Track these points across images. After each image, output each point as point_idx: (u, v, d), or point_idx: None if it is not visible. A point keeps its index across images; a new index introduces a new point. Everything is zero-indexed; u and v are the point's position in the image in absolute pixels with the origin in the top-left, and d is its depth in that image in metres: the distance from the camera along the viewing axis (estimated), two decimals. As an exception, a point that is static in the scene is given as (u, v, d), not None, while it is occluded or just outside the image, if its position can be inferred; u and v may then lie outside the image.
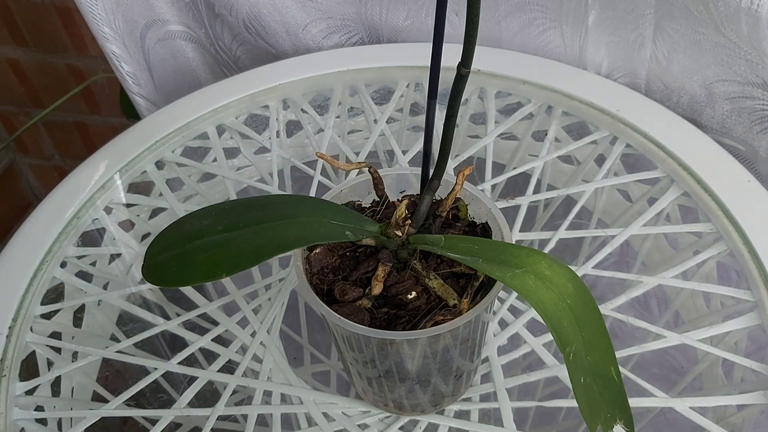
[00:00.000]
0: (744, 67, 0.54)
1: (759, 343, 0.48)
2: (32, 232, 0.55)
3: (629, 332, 0.52)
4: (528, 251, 0.34)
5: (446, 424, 0.44)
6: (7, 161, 1.28)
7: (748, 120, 0.57)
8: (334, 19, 0.71)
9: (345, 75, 0.66)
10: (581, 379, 0.31)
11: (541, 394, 0.60)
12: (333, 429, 0.44)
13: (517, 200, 0.55)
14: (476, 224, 0.42)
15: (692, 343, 0.46)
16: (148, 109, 0.80)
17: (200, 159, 0.64)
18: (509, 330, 0.48)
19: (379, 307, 0.37)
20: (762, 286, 0.46)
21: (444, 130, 0.35)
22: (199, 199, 0.62)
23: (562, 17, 0.62)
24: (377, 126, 0.62)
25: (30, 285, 0.51)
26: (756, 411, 0.44)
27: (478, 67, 0.63)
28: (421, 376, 0.39)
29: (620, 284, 0.50)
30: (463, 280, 0.38)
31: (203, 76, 0.85)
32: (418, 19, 0.68)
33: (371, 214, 0.42)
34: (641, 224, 0.52)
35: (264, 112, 0.66)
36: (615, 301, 0.48)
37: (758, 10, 0.49)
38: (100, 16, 0.70)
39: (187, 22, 0.78)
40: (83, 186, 0.58)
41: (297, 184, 0.65)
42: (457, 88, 0.33)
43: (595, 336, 0.32)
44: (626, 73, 0.63)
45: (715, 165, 0.53)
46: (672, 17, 0.56)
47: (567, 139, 0.62)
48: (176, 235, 0.39)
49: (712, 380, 0.50)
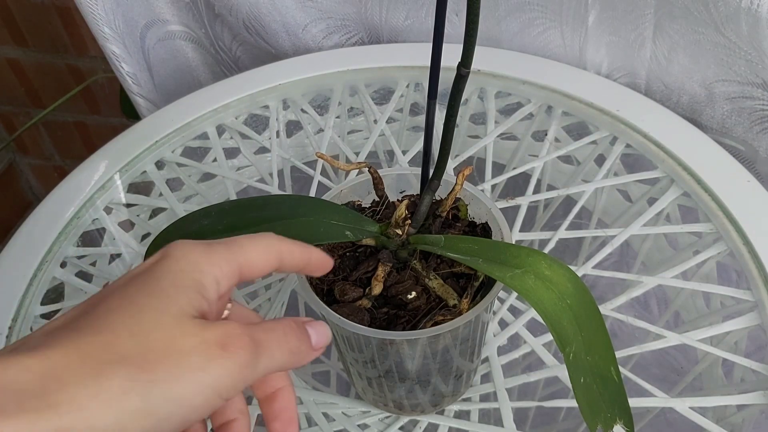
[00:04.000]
0: (744, 67, 0.54)
1: (759, 343, 0.48)
2: (32, 232, 0.55)
3: (629, 332, 0.52)
4: (528, 251, 0.34)
5: (446, 424, 0.44)
6: (7, 161, 1.28)
7: (748, 120, 0.57)
8: (334, 19, 0.71)
9: (345, 75, 0.66)
10: (581, 379, 0.31)
11: (541, 394, 0.60)
12: (333, 429, 0.44)
13: (517, 200, 0.55)
14: (476, 224, 0.42)
15: (692, 343, 0.46)
16: (148, 109, 0.80)
17: (200, 159, 0.64)
18: (509, 330, 0.48)
19: (379, 307, 0.37)
20: (762, 286, 0.46)
21: (444, 130, 0.35)
22: (199, 199, 0.62)
23: (562, 17, 0.62)
24: (377, 126, 0.62)
25: (30, 285, 0.51)
26: (756, 411, 0.44)
27: (478, 67, 0.63)
28: (421, 376, 0.39)
29: (620, 284, 0.50)
30: (463, 280, 0.38)
31: (203, 76, 0.85)
32: (418, 19, 0.68)
33: (371, 214, 0.42)
34: (641, 224, 0.52)
35: (264, 112, 0.66)
36: (615, 301, 0.48)
37: (758, 10, 0.49)
38: (100, 16, 0.70)
39: (187, 22, 0.78)
40: (83, 186, 0.58)
41: (297, 184, 0.65)
42: (457, 88, 0.33)
43: (595, 336, 0.32)
44: (626, 73, 0.63)
45: (715, 165, 0.53)
46: (672, 17, 0.56)
47: (567, 139, 0.62)
48: (176, 235, 0.39)
49: (712, 380, 0.50)
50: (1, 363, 0.21)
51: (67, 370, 0.21)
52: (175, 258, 0.25)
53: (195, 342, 0.23)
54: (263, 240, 0.29)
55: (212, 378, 0.23)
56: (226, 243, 0.27)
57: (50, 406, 0.20)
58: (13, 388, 0.20)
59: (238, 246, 0.27)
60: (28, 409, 0.20)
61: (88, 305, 0.24)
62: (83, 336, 0.22)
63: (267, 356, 0.25)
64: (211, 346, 0.23)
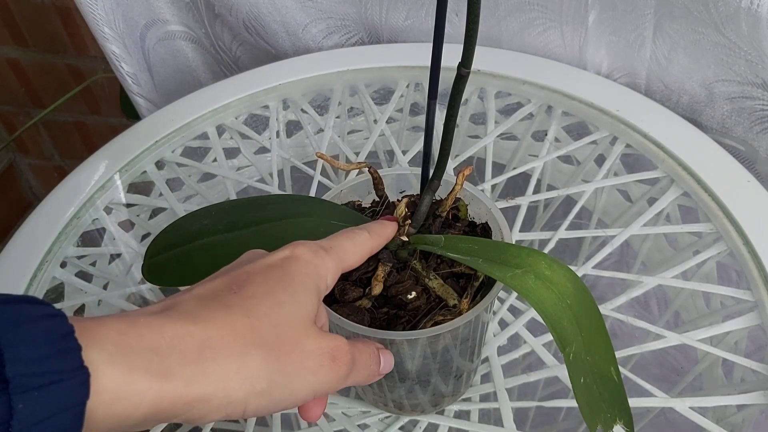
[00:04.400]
0: (744, 67, 0.54)
1: (759, 343, 0.48)
2: (32, 232, 0.55)
3: (629, 332, 0.52)
4: (528, 251, 0.34)
5: (446, 424, 0.44)
6: (7, 161, 1.28)
7: (748, 120, 0.57)
8: (334, 19, 0.71)
9: (345, 75, 0.66)
10: (581, 379, 0.31)
11: (541, 394, 0.60)
12: (333, 429, 0.44)
13: (517, 200, 0.55)
14: (476, 224, 0.42)
15: (692, 343, 0.46)
16: (148, 109, 0.80)
17: (200, 159, 0.64)
18: (509, 330, 0.48)
19: (379, 307, 0.37)
20: (762, 286, 0.46)
21: (444, 130, 0.35)
22: (199, 199, 0.62)
23: (562, 17, 0.62)
24: (377, 126, 0.62)
25: (30, 285, 0.51)
26: (756, 411, 0.44)
27: (478, 67, 0.63)
28: (421, 376, 0.39)
29: (620, 284, 0.50)
30: (463, 280, 0.38)
31: (203, 76, 0.85)
32: (418, 19, 0.68)
33: (371, 214, 0.42)
34: (641, 224, 0.52)
35: (264, 112, 0.66)
36: (615, 301, 0.48)
37: (758, 10, 0.49)
38: (100, 16, 0.70)
39: (187, 22, 0.78)
40: (83, 186, 0.58)
41: (297, 184, 0.65)
42: (457, 88, 0.33)
43: (595, 336, 0.32)
44: (626, 73, 0.63)
45: (715, 165, 0.53)
46: (672, 17, 0.56)
47: (567, 139, 0.62)
48: (176, 235, 0.39)
49: (712, 380, 0.50)
50: (170, 323, 0.25)
51: (221, 343, 0.25)
52: (303, 261, 0.30)
53: (314, 347, 0.28)
54: (361, 244, 0.34)
55: (318, 381, 0.28)
56: (336, 249, 0.32)
57: (204, 374, 0.24)
58: (178, 347, 0.24)
59: (344, 252, 0.32)
60: (186, 374, 0.24)
61: (233, 281, 0.28)
62: (234, 315, 0.26)
63: (355, 373, 0.30)
64: (325, 355, 0.28)
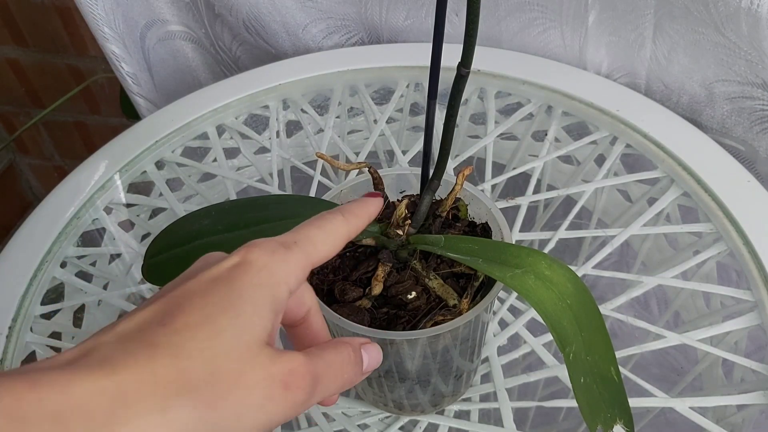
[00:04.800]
0: (744, 67, 0.54)
1: (759, 343, 0.48)
2: (32, 232, 0.55)
3: (629, 332, 0.52)
4: (528, 251, 0.34)
5: (446, 424, 0.44)
6: (7, 161, 1.28)
7: (748, 120, 0.57)
8: (334, 19, 0.71)
9: (345, 75, 0.66)
10: (581, 379, 0.31)
11: (541, 394, 0.60)
12: (333, 429, 0.44)
13: (517, 200, 0.55)
14: (476, 224, 0.42)
15: (692, 343, 0.46)
16: (148, 109, 0.80)
17: (200, 159, 0.64)
18: (509, 330, 0.48)
19: (379, 307, 0.37)
20: (762, 286, 0.46)
21: (444, 130, 0.35)
22: (199, 199, 0.62)
23: (562, 17, 0.62)
24: (377, 126, 0.62)
25: (30, 285, 0.51)
26: (756, 411, 0.44)
27: (478, 67, 0.63)
28: (421, 376, 0.39)
29: (620, 284, 0.50)
30: (463, 280, 0.38)
31: (203, 76, 0.85)
32: (418, 19, 0.68)
33: (371, 214, 0.42)
34: (641, 224, 0.52)
35: (264, 112, 0.66)
36: (615, 301, 0.48)
37: (758, 10, 0.49)
38: (100, 16, 0.70)
39: (187, 22, 0.78)
40: (83, 186, 0.58)
41: (297, 184, 0.65)
42: (457, 88, 0.33)
43: (595, 336, 0.32)
44: (626, 73, 0.63)
45: (715, 165, 0.53)
46: (672, 17, 0.56)
47: (567, 139, 0.62)
48: (176, 235, 0.39)
49: (712, 380, 0.50)
50: (79, 378, 0.21)
51: (138, 397, 0.22)
52: (256, 268, 0.26)
53: (261, 376, 0.24)
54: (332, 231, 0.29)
55: (267, 417, 0.24)
56: (301, 243, 0.28)
57: None
58: (84, 410, 0.21)
59: (311, 244, 0.28)
60: None
61: (165, 308, 0.24)
62: (159, 357, 0.23)
63: (321, 390, 0.26)
64: (275, 383, 0.24)
